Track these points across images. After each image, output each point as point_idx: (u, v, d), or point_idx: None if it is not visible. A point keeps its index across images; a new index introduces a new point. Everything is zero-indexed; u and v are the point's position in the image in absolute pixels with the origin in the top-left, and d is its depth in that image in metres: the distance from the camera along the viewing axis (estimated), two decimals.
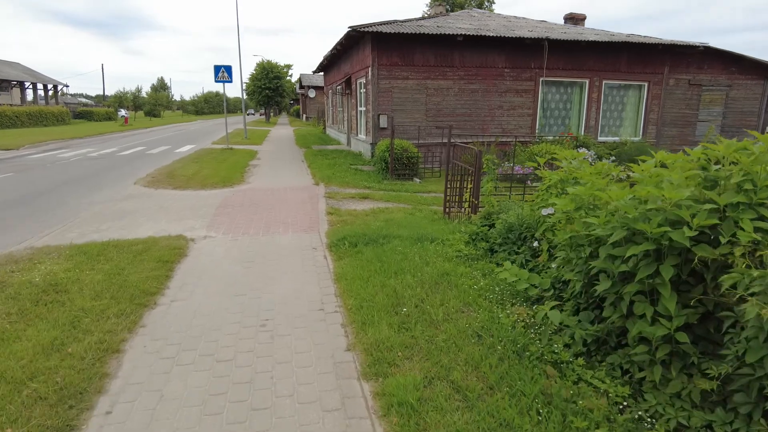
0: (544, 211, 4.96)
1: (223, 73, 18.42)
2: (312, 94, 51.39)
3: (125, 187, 10.70)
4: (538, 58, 15.94)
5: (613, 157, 8.51)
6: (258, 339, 3.73)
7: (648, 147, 15.21)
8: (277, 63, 51.57)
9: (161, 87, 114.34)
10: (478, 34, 14.50)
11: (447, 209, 8.16)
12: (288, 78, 54.70)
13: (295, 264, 5.54)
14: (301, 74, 54.73)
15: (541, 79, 16.26)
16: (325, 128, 31.92)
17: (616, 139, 17.13)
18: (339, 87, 21.74)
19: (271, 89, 50.30)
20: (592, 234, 3.66)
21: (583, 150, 14.26)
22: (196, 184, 10.85)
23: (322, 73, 31.14)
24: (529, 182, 10.84)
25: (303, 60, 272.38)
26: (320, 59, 24.30)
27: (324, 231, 7.02)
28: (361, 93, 17.51)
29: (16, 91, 56.62)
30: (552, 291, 4.38)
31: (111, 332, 3.74)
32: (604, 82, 16.90)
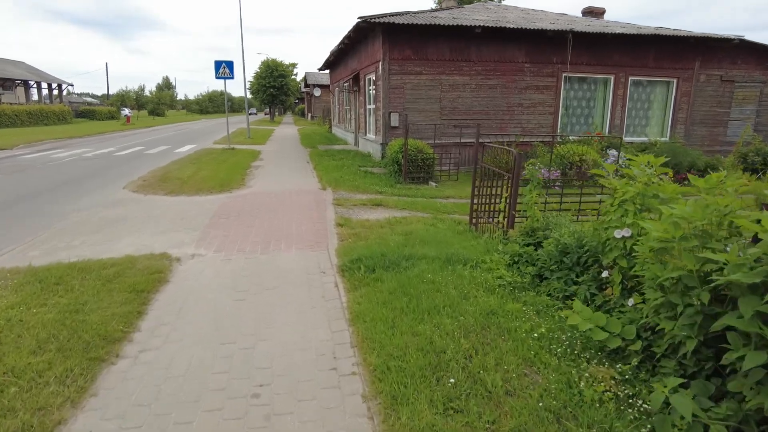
0: (617, 233, 3.88)
1: (224, 69, 17.41)
2: (317, 92, 50.39)
3: (113, 192, 9.70)
4: (561, 52, 14.82)
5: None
6: (248, 423, 2.68)
7: (681, 148, 14.07)
8: (281, 61, 50.62)
9: (166, 86, 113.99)
10: (498, 25, 13.39)
11: (474, 220, 7.09)
12: (293, 77, 53.72)
13: (299, 296, 4.48)
14: (306, 72, 53.76)
15: (563, 75, 15.14)
16: (330, 127, 30.90)
17: (644, 139, 15.98)
18: (346, 84, 20.69)
19: (275, 88, 49.33)
20: (716, 279, 2.58)
21: (612, 151, 13.18)
22: (191, 188, 9.82)
23: (327, 72, 30.13)
24: (557, 186, 9.76)
25: (307, 60, 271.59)
26: (325, 58, 23.27)
27: (334, 247, 5.96)
28: (370, 90, 16.45)
29: (21, 90, 56.11)
30: (639, 342, 3.31)
31: (44, 410, 2.69)
32: (630, 78, 15.76)
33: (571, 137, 14.42)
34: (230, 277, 4.96)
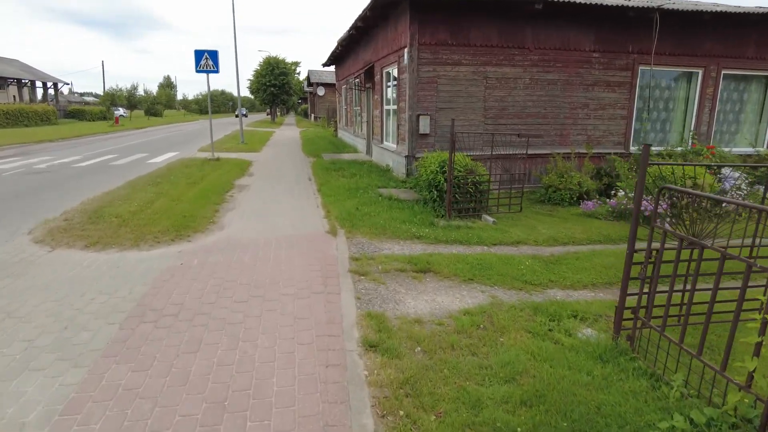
0: None
1: (206, 60, 14.02)
2: (321, 92, 47.02)
3: (7, 241, 6.28)
4: (640, 37, 11.38)
5: None
6: None
7: None
8: (283, 59, 47.28)
9: (167, 85, 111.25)
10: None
11: (635, 334, 3.64)
12: (296, 76, 50.34)
13: None
14: (309, 70, 50.41)
15: (640, 68, 11.69)
16: (336, 131, 27.49)
17: (742, 150, 12.49)
18: (356, 80, 17.27)
19: (276, 87, 46.00)
20: None
21: (728, 172, 9.68)
22: (129, 234, 6.39)
23: (333, 68, 26.72)
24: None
25: (311, 60, 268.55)
26: (330, 51, 19.87)
27: None
28: (388, 86, 13.03)
29: (13, 88, 53.10)
30: None
31: None
32: (722, 71, 12.28)
33: (654, 149, 10.97)
34: None
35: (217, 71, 14.19)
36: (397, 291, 4.67)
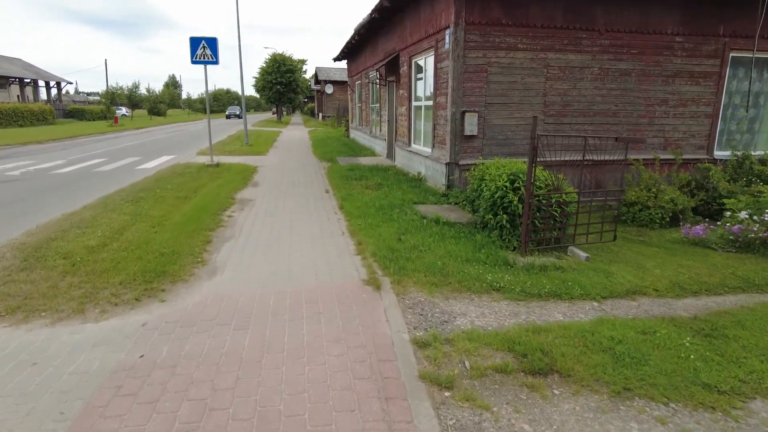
0: None
1: (204, 49, 11.97)
2: (329, 89, 45.02)
3: None
4: (734, 17, 9.25)
5: None
6: None
7: None
8: (290, 56, 45.23)
9: (172, 84, 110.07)
10: None
11: None
12: (302, 74, 48.29)
13: None
14: (316, 67, 48.34)
15: (730, 55, 9.54)
16: (348, 131, 25.41)
17: None
18: (375, 74, 15.18)
19: (283, 84, 43.95)
20: None
21: None
22: (75, 288, 4.29)
23: (340, 66, 24.65)
24: None
25: (319, 58, 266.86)
26: (344, 44, 17.81)
27: None
28: (419, 79, 10.94)
29: (16, 87, 51.45)
30: None
31: None
32: None
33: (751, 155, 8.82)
34: None
35: (216, 62, 12.14)
36: (520, 430, 2.58)
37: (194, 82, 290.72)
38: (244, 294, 4.32)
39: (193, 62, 11.99)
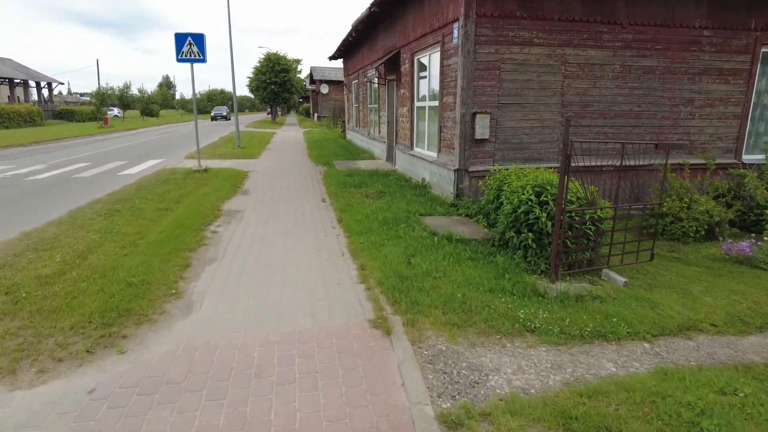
0: None
1: (190, 46, 11.12)
2: (325, 89, 44.19)
3: None
4: (766, 9, 8.52)
5: None
6: None
7: None
8: (285, 55, 44.31)
9: (167, 85, 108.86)
10: None
11: None
12: (297, 74, 47.37)
13: None
14: (311, 67, 47.45)
15: (761, 51, 8.80)
16: (344, 132, 24.59)
17: None
18: (374, 73, 14.38)
19: (277, 84, 43.03)
20: None
21: None
22: (12, 337, 3.47)
23: (336, 65, 23.85)
24: None
25: (312, 60, 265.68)
26: (340, 41, 16.99)
27: None
28: (422, 77, 10.15)
29: (5, 88, 50.28)
30: None
31: None
32: None
33: None
34: None
35: (203, 60, 11.29)
36: None
37: (189, 83, 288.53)
38: (223, 342, 3.50)
39: (179, 60, 11.13)
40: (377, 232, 6.16)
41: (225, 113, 52.73)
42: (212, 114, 54.48)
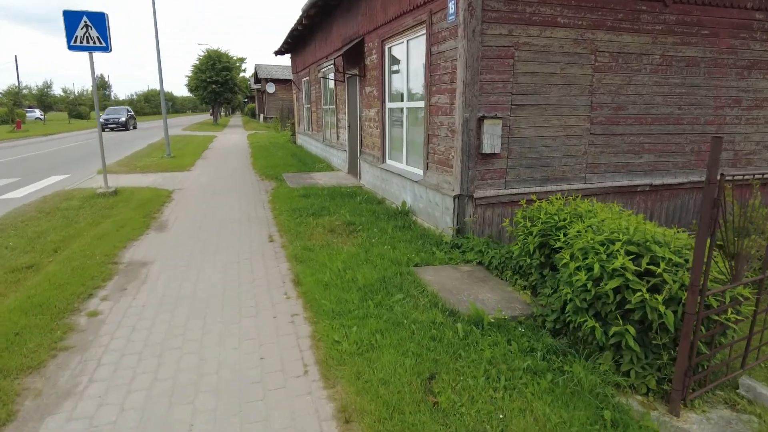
0: None
1: (87, 29, 8.36)
2: (271, 88, 41.14)
3: None
4: None
5: None
6: None
7: None
8: (226, 52, 40.96)
9: (101, 85, 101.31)
10: None
11: None
12: (241, 73, 44.02)
13: None
14: (256, 65, 44.23)
15: None
16: (294, 136, 21.99)
17: None
18: (330, 67, 12.00)
19: (218, 83, 39.67)
20: None
21: None
22: None
23: (288, 59, 21.22)
24: None
25: (259, 57, 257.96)
26: (287, 33, 14.47)
27: None
28: (395, 70, 7.91)
29: None
30: None
31: None
32: None
33: None
34: None
35: (106, 48, 8.54)
36: None
37: (130, 82, 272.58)
38: None
39: (71, 48, 8.29)
40: (360, 315, 3.83)
41: (124, 118, 35.17)
42: (102, 119, 33.44)
